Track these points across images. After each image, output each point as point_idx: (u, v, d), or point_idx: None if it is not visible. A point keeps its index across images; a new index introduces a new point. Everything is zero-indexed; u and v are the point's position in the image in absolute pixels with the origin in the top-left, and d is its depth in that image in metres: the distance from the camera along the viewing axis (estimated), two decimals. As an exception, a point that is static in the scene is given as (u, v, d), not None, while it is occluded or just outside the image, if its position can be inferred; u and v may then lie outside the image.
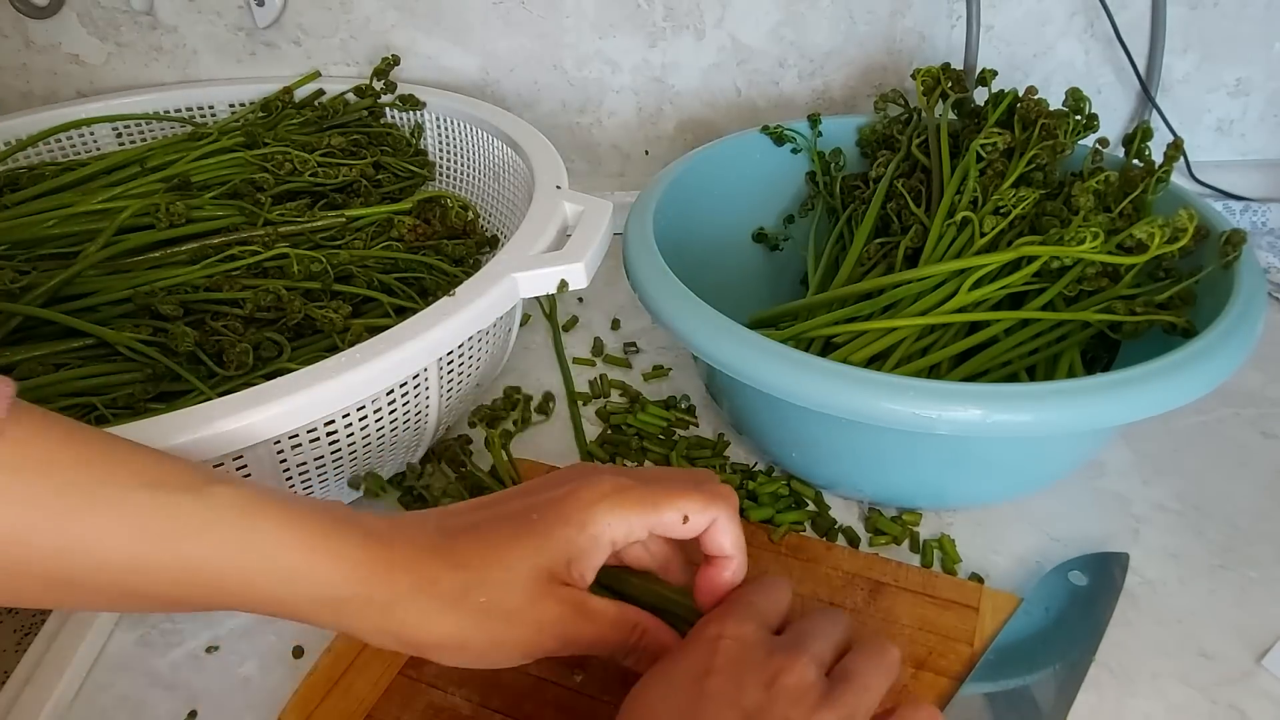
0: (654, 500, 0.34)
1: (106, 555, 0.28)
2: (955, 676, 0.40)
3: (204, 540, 0.29)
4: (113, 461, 0.29)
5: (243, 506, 0.30)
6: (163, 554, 0.29)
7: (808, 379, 0.42)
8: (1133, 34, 0.75)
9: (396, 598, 0.31)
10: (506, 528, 0.33)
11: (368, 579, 0.31)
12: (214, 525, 0.29)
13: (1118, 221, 0.52)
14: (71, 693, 0.43)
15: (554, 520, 0.33)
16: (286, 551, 0.30)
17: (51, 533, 0.28)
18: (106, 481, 0.29)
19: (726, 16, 0.79)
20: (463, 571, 0.32)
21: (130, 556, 0.29)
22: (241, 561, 0.30)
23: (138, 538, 0.29)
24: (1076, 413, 0.39)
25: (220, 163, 0.64)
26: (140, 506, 0.29)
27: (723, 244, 0.65)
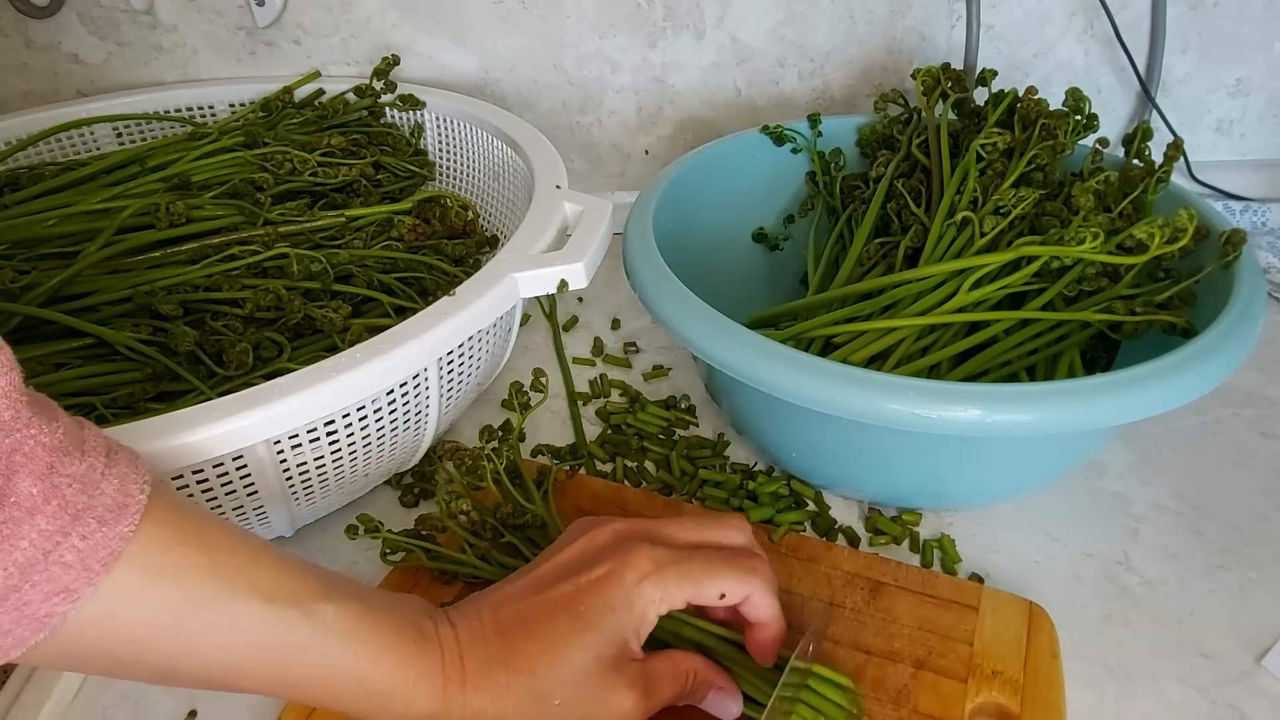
0: (694, 578, 0.35)
1: (216, 661, 0.30)
2: (955, 676, 0.40)
3: (307, 658, 0.31)
4: (237, 569, 0.30)
5: (345, 628, 0.32)
6: (268, 666, 0.31)
7: (808, 379, 0.42)
8: (1133, 34, 0.75)
9: (476, 711, 0.33)
10: (558, 622, 0.34)
11: (446, 699, 0.33)
12: (317, 645, 0.31)
13: (1118, 221, 0.52)
14: (71, 693, 0.43)
15: (602, 608, 0.34)
16: (378, 674, 0.32)
17: (170, 636, 0.29)
18: (229, 593, 0.30)
19: (726, 16, 0.79)
20: (532, 678, 0.33)
21: (238, 664, 0.30)
22: (337, 679, 0.32)
23: (248, 650, 0.30)
24: (1076, 413, 0.39)
25: (220, 162, 0.64)
26: (254, 621, 0.30)
27: (723, 244, 0.65)
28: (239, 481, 0.43)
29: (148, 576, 0.28)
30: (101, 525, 0.27)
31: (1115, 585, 0.47)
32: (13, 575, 0.25)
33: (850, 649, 0.42)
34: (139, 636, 0.29)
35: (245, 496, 0.44)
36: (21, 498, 0.26)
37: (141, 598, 0.28)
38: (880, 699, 0.40)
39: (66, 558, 0.26)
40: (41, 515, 0.26)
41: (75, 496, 0.27)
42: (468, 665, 0.33)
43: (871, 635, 0.42)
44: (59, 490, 0.26)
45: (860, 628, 0.43)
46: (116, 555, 0.27)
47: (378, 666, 0.32)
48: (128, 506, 0.28)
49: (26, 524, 0.26)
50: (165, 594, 0.29)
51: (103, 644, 0.28)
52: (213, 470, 0.41)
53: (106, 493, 0.28)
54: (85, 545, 0.27)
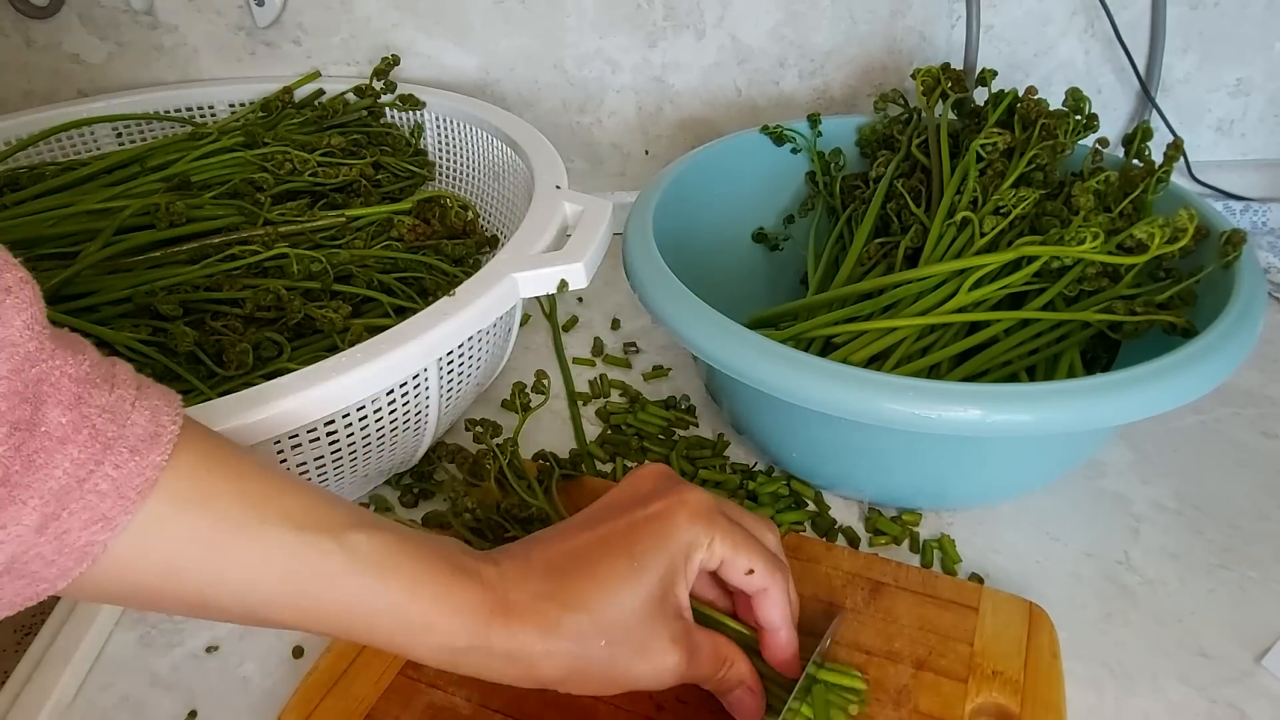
0: (735, 540, 0.36)
1: (249, 590, 0.30)
2: (956, 676, 0.40)
3: (340, 586, 0.31)
4: (266, 498, 0.30)
5: (379, 557, 0.31)
6: (300, 595, 0.30)
7: (808, 379, 0.42)
8: (1133, 34, 0.75)
9: (520, 646, 0.33)
10: (612, 559, 0.34)
11: (487, 632, 0.32)
12: (350, 573, 0.31)
13: (1118, 221, 0.52)
14: (71, 693, 0.43)
15: (655, 545, 0.34)
16: (414, 604, 0.32)
17: (202, 565, 0.29)
18: (258, 520, 0.30)
19: (727, 16, 0.79)
20: (580, 614, 0.33)
21: (270, 593, 0.30)
22: (372, 609, 0.31)
23: (279, 578, 0.30)
24: (1076, 413, 0.39)
25: (220, 163, 0.64)
26: (286, 548, 0.30)
27: (723, 244, 0.65)
28: (239, 481, 0.43)
29: (178, 505, 0.28)
30: (134, 454, 0.27)
31: (1115, 585, 0.47)
32: (49, 503, 0.26)
33: (850, 649, 0.42)
34: (173, 566, 0.29)
35: (245, 496, 0.44)
36: (51, 427, 0.26)
37: (173, 526, 0.28)
38: (880, 699, 0.40)
39: (101, 486, 0.27)
40: (72, 444, 0.26)
41: (105, 426, 0.27)
42: (513, 600, 0.33)
43: (871, 635, 0.42)
44: (89, 420, 0.27)
45: (860, 628, 0.43)
46: (151, 483, 0.28)
47: (414, 596, 0.31)
48: (160, 436, 0.28)
49: (58, 453, 0.26)
50: (196, 521, 0.29)
51: (140, 574, 0.28)
52: (213, 470, 0.41)
53: (138, 423, 0.28)
54: (119, 474, 0.27)
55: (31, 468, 0.26)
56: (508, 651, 0.33)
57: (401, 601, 0.31)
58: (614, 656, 0.33)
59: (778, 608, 0.37)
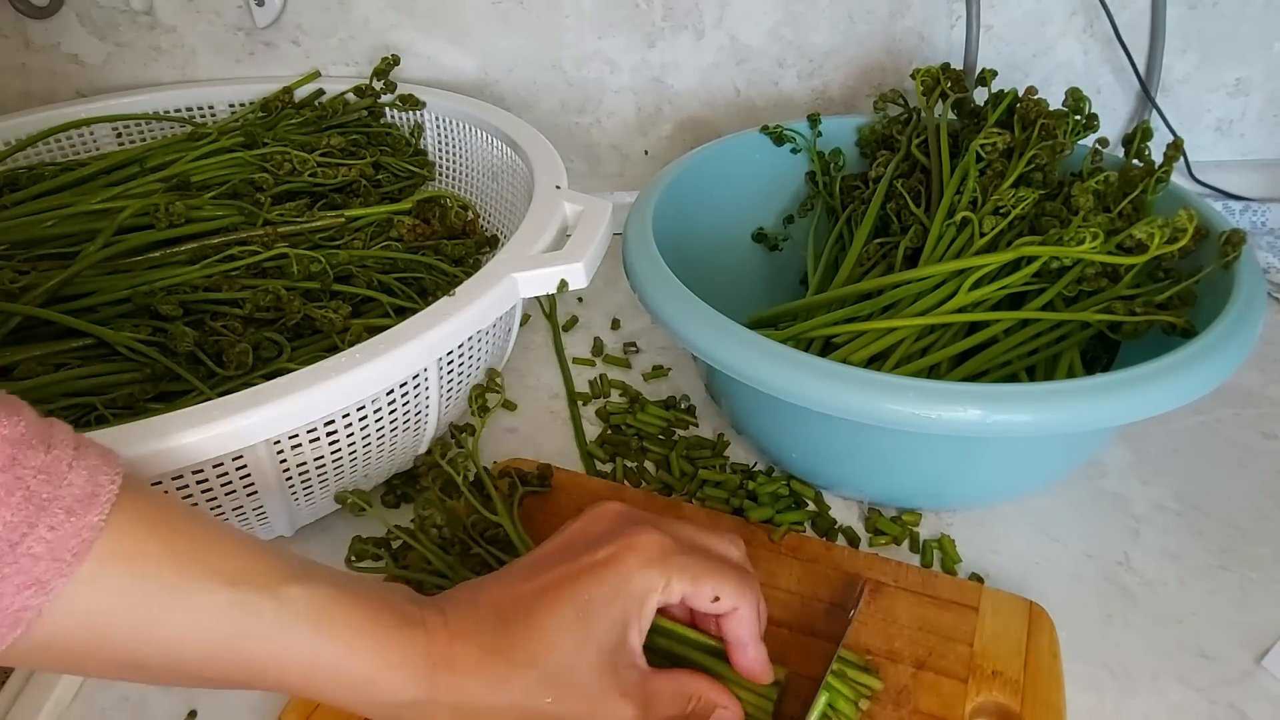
0: (694, 572, 0.35)
1: (178, 651, 0.29)
2: (956, 676, 0.40)
3: (273, 644, 0.30)
4: (196, 555, 0.30)
5: (314, 611, 0.30)
6: (232, 653, 0.29)
7: (808, 379, 0.42)
8: (1132, 34, 0.75)
9: (467, 700, 0.32)
10: (560, 608, 0.33)
11: (433, 686, 0.31)
12: (284, 630, 0.30)
13: (1117, 222, 0.52)
14: (71, 693, 0.43)
15: (606, 594, 0.33)
16: (353, 660, 0.31)
17: (129, 626, 0.28)
18: (186, 578, 0.29)
19: (725, 16, 0.79)
20: (529, 670, 0.32)
21: (201, 653, 0.29)
22: (308, 665, 0.30)
23: (209, 636, 0.29)
24: (1076, 413, 0.39)
25: (220, 163, 0.64)
26: (215, 606, 0.29)
27: (723, 244, 0.65)
28: (239, 481, 0.43)
29: (105, 564, 0.27)
30: (70, 516, 0.27)
31: (1115, 585, 0.47)
32: None
33: (850, 649, 0.42)
34: (99, 627, 0.28)
35: (245, 496, 0.44)
36: None
37: (99, 586, 0.27)
38: (880, 699, 0.40)
39: (35, 549, 0.26)
40: (5, 507, 0.26)
41: (40, 487, 0.26)
42: (460, 651, 0.32)
43: (872, 635, 0.42)
44: (22, 481, 0.26)
45: (860, 628, 0.43)
46: (88, 546, 0.27)
47: (352, 651, 0.31)
48: (97, 496, 0.28)
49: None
50: (122, 581, 0.28)
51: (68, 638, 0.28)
52: (212, 470, 0.41)
53: (74, 483, 0.27)
54: (53, 536, 0.26)
55: None
56: (454, 705, 0.32)
57: (339, 656, 0.31)
58: (563, 713, 0.32)
59: (745, 625, 0.36)
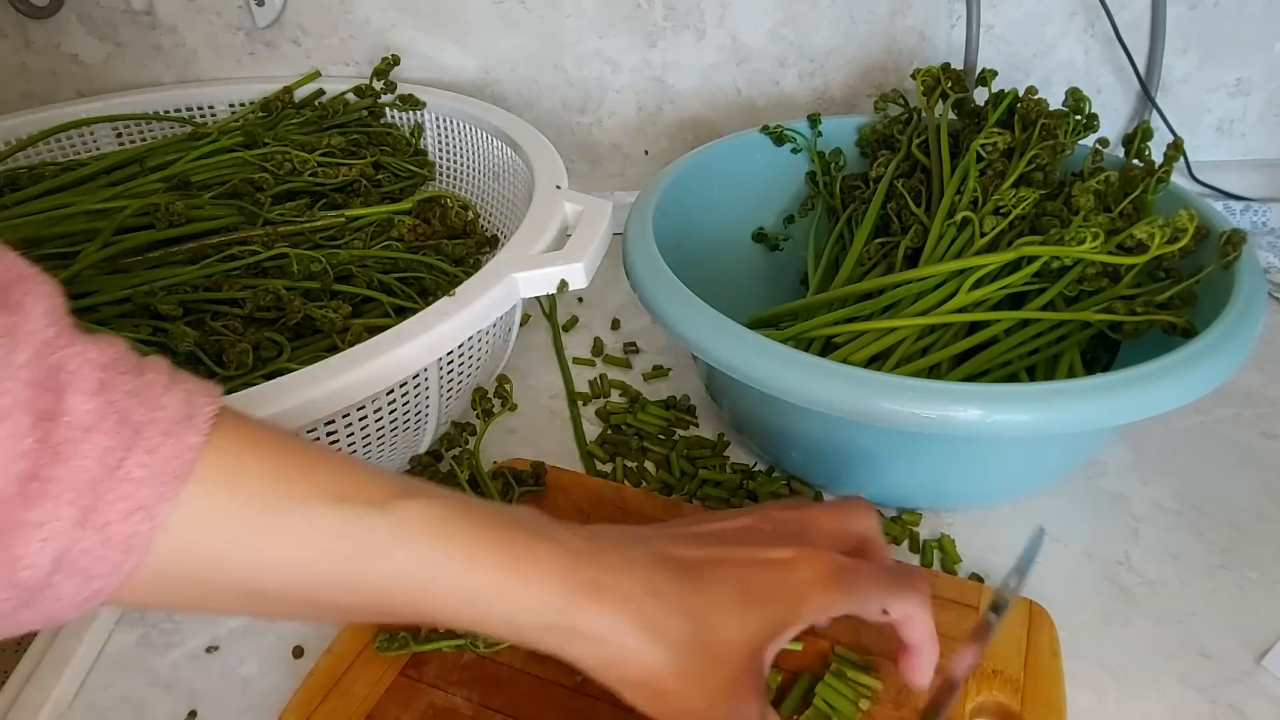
0: (863, 592, 0.33)
1: (295, 570, 0.28)
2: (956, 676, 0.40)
3: (391, 560, 0.28)
4: (303, 473, 0.29)
5: (432, 524, 0.29)
6: (350, 570, 0.28)
7: (808, 379, 0.42)
8: (1133, 34, 0.75)
9: (611, 634, 0.29)
10: (726, 585, 0.31)
11: (571, 613, 0.29)
12: (401, 545, 0.28)
13: (1118, 221, 0.52)
14: (71, 693, 0.43)
15: (778, 591, 0.32)
16: (476, 574, 0.29)
17: (242, 550, 0.27)
18: (296, 495, 0.28)
19: (726, 16, 0.79)
20: (689, 623, 0.30)
21: (316, 573, 0.28)
22: (431, 582, 0.29)
23: (322, 556, 0.28)
24: (1076, 413, 0.39)
25: (220, 163, 0.64)
26: (325, 523, 0.28)
27: (723, 244, 0.65)
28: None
29: (211, 488, 0.27)
30: (167, 438, 0.26)
31: (1115, 585, 0.47)
32: (84, 495, 0.25)
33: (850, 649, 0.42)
34: (213, 553, 0.27)
35: (245, 497, 0.44)
36: (76, 416, 0.25)
37: (209, 510, 0.27)
38: (880, 699, 0.40)
39: (135, 474, 0.26)
40: (99, 432, 0.25)
41: (134, 410, 0.26)
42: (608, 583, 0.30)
43: (872, 635, 0.42)
44: (115, 405, 0.26)
45: (861, 627, 0.43)
46: (188, 467, 0.26)
47: (477, 564, 0.29)
48: (194, 419, 0.27)
49: (85, 442, 0.25)
50: (231, 503, 0.27)
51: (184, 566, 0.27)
52: (213, 470, 0.41)
53: (170, 406, 0.27)
54: (152, 460, 0.26)
55: (59, 459, 0.24)
56: (596, 635, 0.29)
57: (461, 569, 0.29)
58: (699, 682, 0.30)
59: (921, 630, 0.34)
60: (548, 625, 0.29)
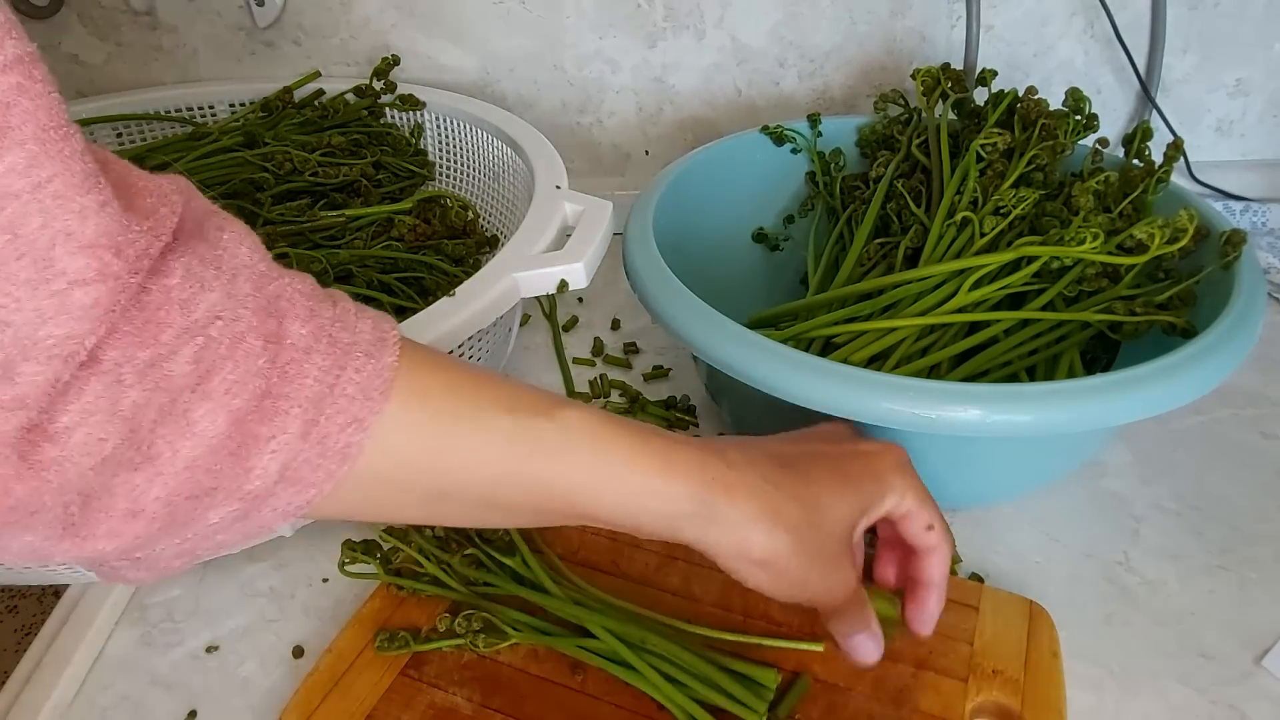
0: (923, 497, 0.38)
1: (476, 472, 0.31)
2: (956, 676, 0.40)
3: (560, 460, 0.32)
4: (477, 388, 0.32)
5: (593, 430, 0.32)
6: (525, 471, 0.32)
7: (808, 379, 0.42)
8: (1133, 34, 0.75)
9: (742, 517, 0.33)
10: (828, 473, 0.36)
11: (709, 498, 0.33)
12: (568, 447, 0.32)
13: (1118, 222, 0.52)
14: (71, 693, 0.43)
15: (867, 474, 0.37)
16: (635, 471, 0.33)
17: (430, 453, 0.30)
18: (474, 406, 0.31)
19: (726, 16, 0.79)
20: (801, 506, 0.34)
21: (497, 473, 0.31)
22: (593, 479, 0.32)
23: (502, 457, 0.31)
24: (1076, 413, 0.39)
25: (220, 162, 0.64)
26: (503, 429, 0.31)
27: (723, 244, 0.65)
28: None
29: (403, 403, 0.30)
30: (370, 358, 0.29)
31: (1115, 585, 0.47)
32: (308, 410, 0.27)
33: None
34: (406, 460, 0.30)
35: (245, 496, 0.44)
36: (295, 339, 0.28)
37: (402, 422, 0.30)
38: (881, 699, 0.40)
39: (349, 390, 0.28)
40: (317, 353, 0.28)
41: (340, 334, 0.29)
42: (736, 478, 0.34)
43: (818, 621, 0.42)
44: (325, 330, 0.29)
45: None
46: (390, 384, 0.29)
47: (633, 461, 0.33)
48: (386, 341, 0.30)
49: (307, 362, 0.28)
50: (420, 416, 0.30)
51: (380, 472, 0.30)
52: (213, 470, 0.41)
53: (364, 331, 0.30)
54: (361, 377, 0.29)
55: (287, 378, 0.27)
56: (730, 521, 0.33)
57: (622, 466, 0.32)
58: (814, 558, 0.35)
59: (940, 565, 0.38)
60: (689, 514, 0.33)
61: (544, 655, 0.42)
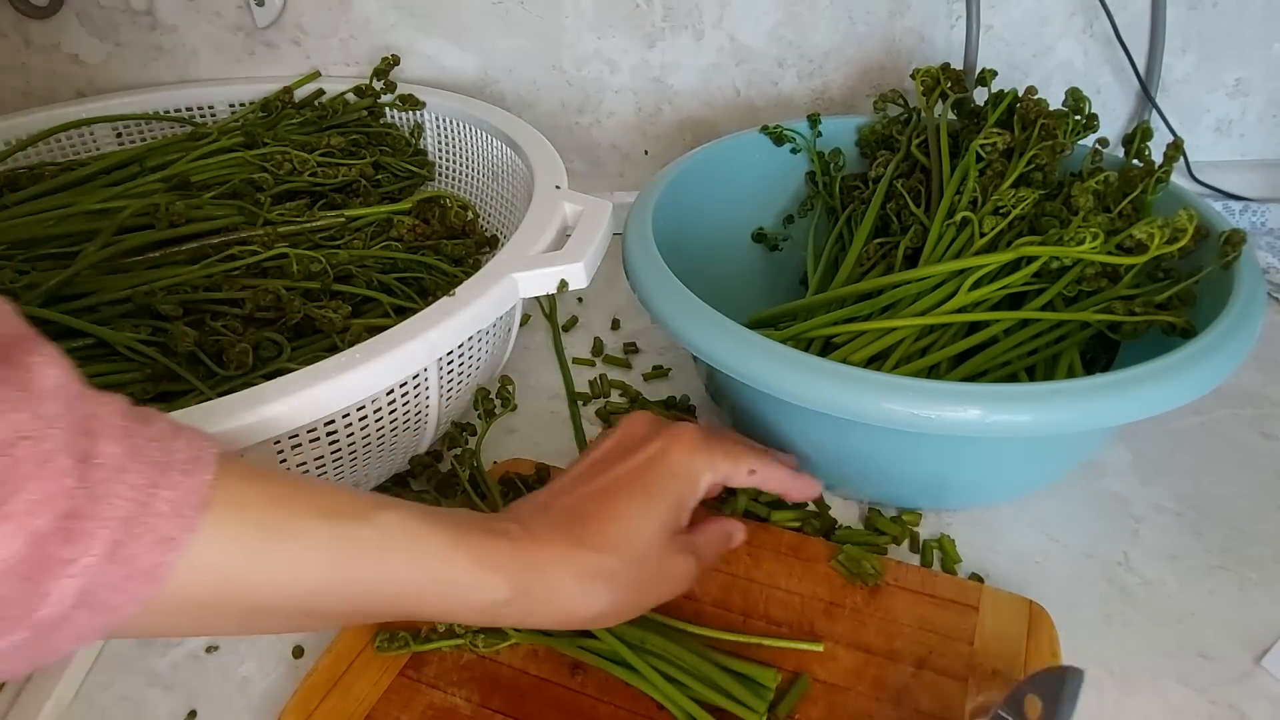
0: (731, 450, 0.41)
1: (295, 583, 0.31)
2: (956, 676, 0.40)
3: (380, 563, 0.32)
4: (294, 496, 0.32)
5: (410, 531, 0.33)
6: (345, 578, 0.32)
7: (808, 379, 0.42)
8: (1132, 34, 0.75)
9: (557, 591, 0.35)
10: (628, 499, 0.38)
11: (526, 584, 0.35)
12: (387, 550, 0.33)
13: (1117, 222, 0.52)
14: (71, 693, 0.43)
15: (664, 477, 0.39)
16: (453, 569, 0.34)
17: (248, 568, 0.30)
18: (290, 514, 0.31)
19: (725, 16, 0.79)
20: (607, 554, 0.36)
21: (315, 581, 0.31)
22: (413, 580, 0.33)
23: (321, 565, 0.31)
24: (1076, 413, 0.39)
25: (220, 163, 0.64)
26: (320, 538, 0.31)
27: (723, 244, 0.65)
28: (239, 482, 0.43)
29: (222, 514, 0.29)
30: (186, 476, 0.29)
31: (1115, 585, 0.47)
32: (116, 530, 0.27)
33: (851, 648, 0.42)
34: (224, 576, 0.30)
35: (245, 497, 0.44)
36: (108, 458, 0.27)
37: (218, 538, 0.29)
38: (881, 699, 0.40)
39: (161, 508, 0.28)
40: (130, 472, 0.27)
41: (155, 453, 0.29)
42: (545, 554, 0.35)
43: (872, 635, 0.42)
44: (139, 449, 0.28)
45: (860, 627, 0.43)
46: (206, 501, 0.29)
47: (451, 561, 0.33)
48: (202, 458, 0.30)
49: (119, 481, 0.27)
50: (236, 531, 0.30)
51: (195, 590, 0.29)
52: (212, 470, 0.41)
53: (181, 449, 0.29)
54: (175, 495, 0.28)
55: (96, 498, 0.26)
56: (548, 599, 0.35)
57: (440, 567, 0.33)
58: (642, 584, 0.37)
59: (778, 480, 0.43)
60: (507, 602, 0.35)
61: (543, 655, 0.42)
